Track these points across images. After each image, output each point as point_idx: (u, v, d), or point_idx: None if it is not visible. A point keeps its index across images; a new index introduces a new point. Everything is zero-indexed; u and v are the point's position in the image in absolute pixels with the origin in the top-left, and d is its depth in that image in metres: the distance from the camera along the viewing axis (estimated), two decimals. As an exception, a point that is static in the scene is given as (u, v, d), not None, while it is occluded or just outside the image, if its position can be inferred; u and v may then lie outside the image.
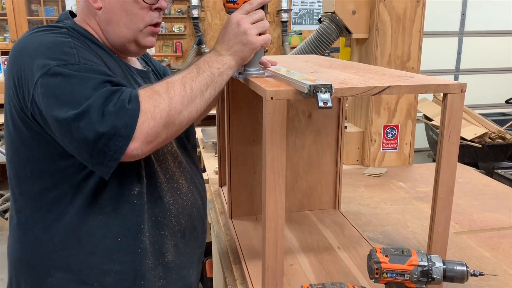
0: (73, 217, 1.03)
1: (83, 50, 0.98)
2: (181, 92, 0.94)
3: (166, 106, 0.91)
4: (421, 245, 1.50)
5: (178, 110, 0.92)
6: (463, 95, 0.99)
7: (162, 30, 7.08)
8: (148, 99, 0.90)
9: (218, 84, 1.02)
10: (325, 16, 2.29)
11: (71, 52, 0.95)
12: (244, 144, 1.59)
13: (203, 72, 0.99)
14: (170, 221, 1.15)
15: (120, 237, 1.06)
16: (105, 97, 0.88)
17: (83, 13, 1.11)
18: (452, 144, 1.02)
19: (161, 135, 0.92)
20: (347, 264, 1.33)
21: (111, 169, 0.91)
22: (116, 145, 0.87)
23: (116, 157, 0.88)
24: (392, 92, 0.97)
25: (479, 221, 1.69)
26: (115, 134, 0.86)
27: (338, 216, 1.68)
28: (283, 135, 0.95)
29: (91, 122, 0.86)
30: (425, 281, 0.91)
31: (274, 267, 1.03)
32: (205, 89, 0.98)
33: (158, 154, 1.13)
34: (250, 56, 1.06)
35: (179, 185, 1.19)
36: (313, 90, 0.87)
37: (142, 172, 1.08)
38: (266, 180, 0.97)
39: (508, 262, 1.39)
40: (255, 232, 1.54)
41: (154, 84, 0.96)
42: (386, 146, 2.33)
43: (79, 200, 1.02)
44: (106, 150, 0.87)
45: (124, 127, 0.86)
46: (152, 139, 0.90)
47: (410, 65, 2.25)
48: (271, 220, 1.00)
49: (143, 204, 1.08)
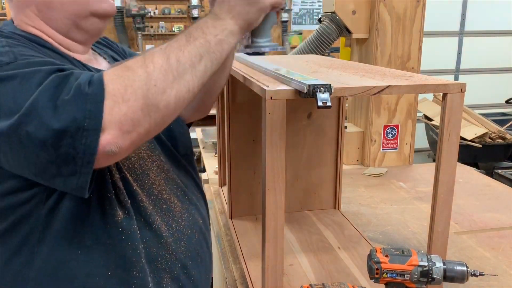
0: (47, 258, 0.83)
1: (20, 47, 0.79)
2: (163, 65, 0.72)
3: (143, 84, 0.70)
4: (421, 245, 1.50)
5: (160, 89, 0.71)
6: (463, 95, 0.99)
7: (162, 30, 7.11)
8: (117, 78, 0.69)
9: (216, 55, 0.81)
10: (325, 16, 2.30)
11: (2, 51, 0.75)
12: (244, 144, 1.59)
13: (195, 40, 0.78)
14: (166, 250, 0.94)
15: (108, 275, 0.86)
16: (55, 86, 0.68)
17: (17, 11, 0.90)
18: (452, 144, 1.02)
19: (142, 123, 0.70)
20: (347, 264, 1.33)
21: (87, 177, 0.70)
22: (84, 143, 0.66)
23: (89, 159, 0.68)
24: (391, 92, 0.97)
25: (479, 221, 1.69)
26: (78, 129, 0.66)
27: (338, 216, 1.68)
28: (283, 135, 0.95)
29: (42, 121, 0.65)
30: (425, 281, 0.91)
31: (274, 267, 1.03)
32: (198, 61, 0.77)
33: (136, 172, 0.93)
34: (258, 20, 0.88)
35: (169, 207, 0.98)
36: (313, 90, 0.87)
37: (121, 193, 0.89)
38: (265, 180, 0.97)
39: (508, 262, 1.39)
40: (255, 232, 1.54)
41: (127, 60, 0.75)
42: (386, 146, 2.33)
43: (49, 237, 0.82)
44: (73, 153, 0.67)
45: (87, 118, 0.66)
46: (130, 129, 0.69)
47: (410, 65, 2.25)
48: (270, 220, 0.99)
49: (133, 232, 0.88)
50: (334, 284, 0.92)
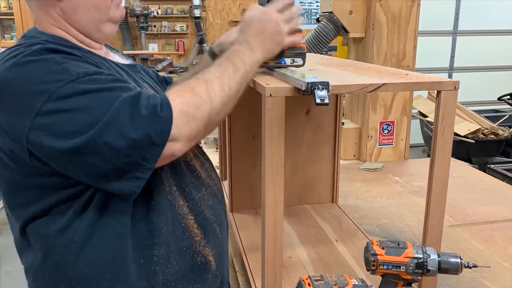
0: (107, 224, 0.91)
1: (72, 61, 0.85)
2: (220, 92, 0.90)
3: (208, 108, 0.87)
4: (416, 238, 1.53)
5: (218, 110, 0.89)
6: (456, 92, 1.01)
7: (164, 29, 7.13)
8: (190, 100, 0.85)
9: (248, 81, 0.98)
10: (323, 16, 2.32)
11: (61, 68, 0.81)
12: (244, 140, 1.61)
13: (239, 70, 0.95)
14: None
15: None
16: (129, 103, 0.79)
17: (41, 12, 0.95)
18: (446, 140, 1.03)
19: (201, 134, 0.89)
20: (345, 256, 1.36)
21: (143, 182, 0.83)
22: (151, 153, 0.80)
23: (150, 167, 0.82)
24: (387, 89, 0.99)
25: (473, 215, 1.73)
26: (150, 143, 0.79)
27: (336, 209, 1.72)
28: (282, 131, 0.96)
29: (122, 132, 0.77)
30: (420, 272, 0.92)
31: (273, 259, 1.04)
32: (241, 88, 0.95)
33: None
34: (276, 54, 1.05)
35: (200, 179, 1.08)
36: (311, 87, 0.89)
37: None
38: (265, 175, 0.98)
39: (501, 254, 1.43)
40: (255, 225, 1.57)
41: (190, 82, 0.90)
42: (382, 142, 2.37)
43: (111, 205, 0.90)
44: (140, 162, 0.80)
45: (158, 136, 0.80)
46: (193, 139, 0.87)
47: (406, 63, 2.28)
48: (270, 214, 1.01)
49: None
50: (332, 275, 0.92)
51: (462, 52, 5.43)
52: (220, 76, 0.91)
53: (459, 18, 5.33)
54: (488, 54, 5.42)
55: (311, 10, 6.57)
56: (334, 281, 0.88)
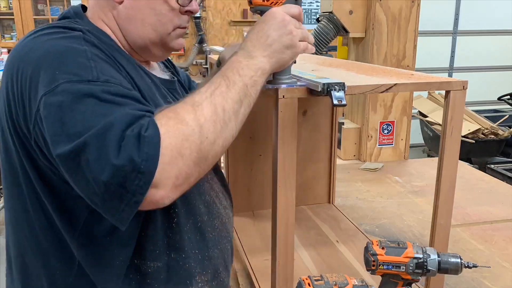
0: None
1: (102, 63, 0.76)
2: (212, 117, 0.72)
3: (197, 138, 0.70)
4: (416, 238, 1.53)
5: (211, 140, 0.72)
6: (465, 92, 1.01)
7: (163, 29, 7.10)
8: (172, 131, 0.68)
9: (252, 96, 0.80)
10: (323, 16, 2.32)
11: (87, 64, 0.73)
12: (241, 141, 1.61)
13: (234, 85, 0.78)
14: None
15: None
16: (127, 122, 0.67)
17: (98, 5, 0.89)
18: (454, 140, 1.03)
19: (193, 175, 0.71)
20: (347, 257, 1.36)
21: (130, 215, 0.68)
22: (136, 184, 0.65)
23: (136, 200, 0.66)
24: (398, 90, 0.98)
25: (473, 215, 1.73)
26: (133, 170, 0.64)
27: (333, 210, 1.72)
28: (294, 133, 0.94)
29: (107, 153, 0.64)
30: (420, 272, 0.92)
31: (285, 262, 1.02)
32: (239, 107, 0.77)
33: None
34: (289, 62, 0.88)
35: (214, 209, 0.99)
36: (327, 88, 0.87)
37: None
38: (277, 177, 0.96)
39: (500, 254, 1.43)
40: (254, 228, 1.57)
41: (175, 105, 0.74)
42: (382, 142, 2.37)
43: None
44: (122, 192, 0.65)
45: (144, 160, 0.65)
46: (182, 182, 0.70)
47: (406, 63, 2.28)
48: (282, 217, 0.98)
49: None
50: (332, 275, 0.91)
51: (462, 52, 5.43)
52: (210, 96, 0.75)
53: (459, 18, 5.34)
54: (488, 54, 5.43)
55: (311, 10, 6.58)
56: (334, 281, 0.88)
